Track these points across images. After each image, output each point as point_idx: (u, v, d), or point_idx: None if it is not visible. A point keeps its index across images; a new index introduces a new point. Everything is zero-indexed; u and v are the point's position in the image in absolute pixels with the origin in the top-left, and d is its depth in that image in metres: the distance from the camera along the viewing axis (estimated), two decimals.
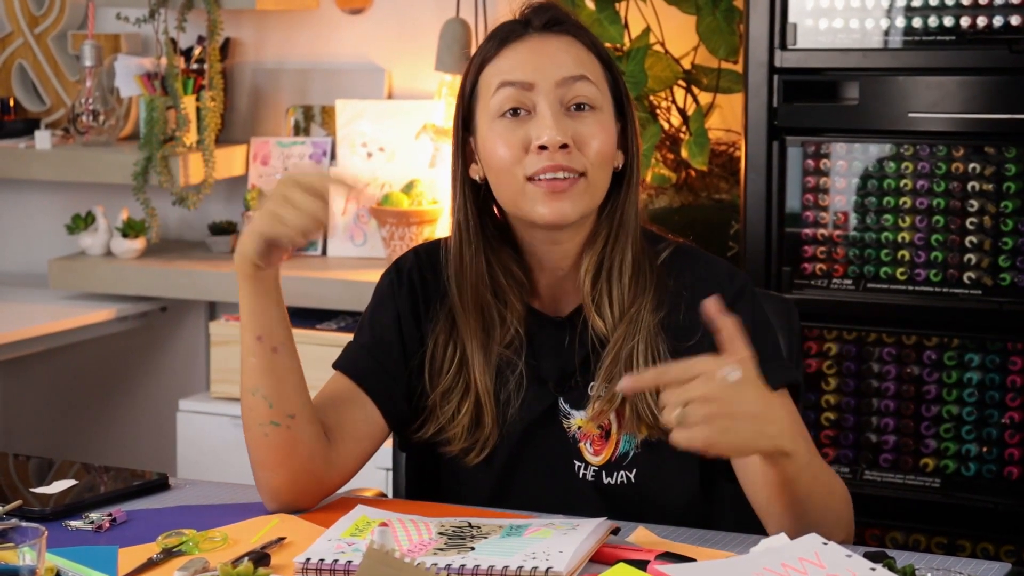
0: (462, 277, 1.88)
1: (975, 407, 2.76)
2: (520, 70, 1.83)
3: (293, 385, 1.78)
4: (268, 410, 1.77)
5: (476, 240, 1.88)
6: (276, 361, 1.77)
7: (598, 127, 1.83)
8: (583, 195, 1.82)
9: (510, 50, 1.85)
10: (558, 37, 1.86)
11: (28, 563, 1.46)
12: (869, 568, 1.49)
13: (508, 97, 1.83)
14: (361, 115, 3.56)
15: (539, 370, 1.89)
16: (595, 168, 1.82)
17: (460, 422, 1.88)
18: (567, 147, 1.80)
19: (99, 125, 3.66)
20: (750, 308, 1.87)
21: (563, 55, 1.84)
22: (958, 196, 2.75)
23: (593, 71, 1.85)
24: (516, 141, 1.82)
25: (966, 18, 2.70)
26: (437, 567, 1.56)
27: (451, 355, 1.89)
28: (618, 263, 1.86)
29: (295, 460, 1.79)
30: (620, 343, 1.84)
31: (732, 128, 3.29)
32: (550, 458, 1.89)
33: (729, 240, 3.18)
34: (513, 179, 1.82)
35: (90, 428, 3.99)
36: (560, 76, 1.82)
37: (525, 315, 1.89)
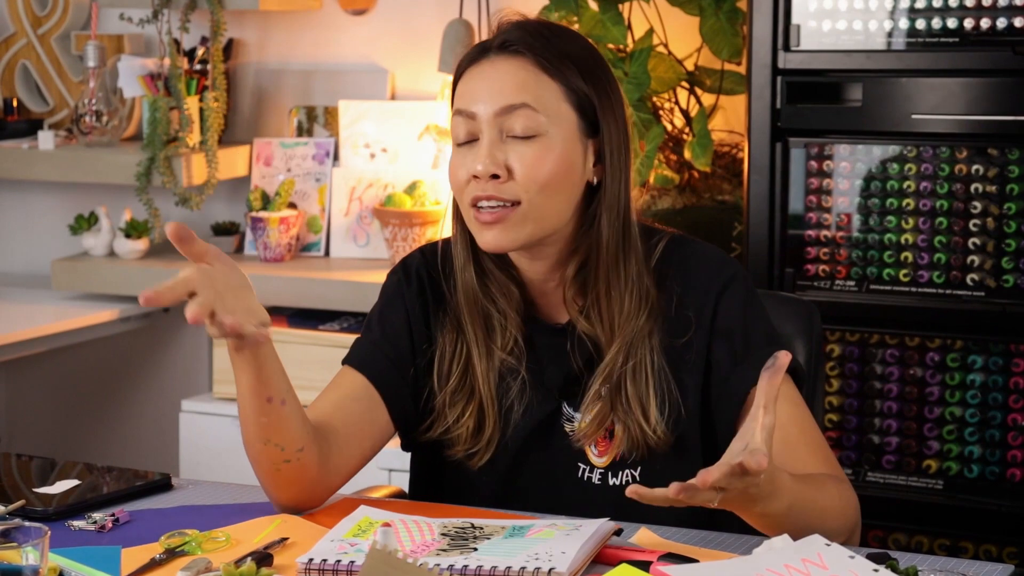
0: (461, 286, 1.90)
1: (978, 409, 2.76)
2: (468, 97, 1.85)
3: (300, 425, 1.78)
4: (280, 453, 1.77)
5: (464, 253, 1.90)
6: (285, 412, 1.75)
7: (538, 153, 1.82)
8: (521, 223, 1.82)
9: (467, 75, 1.87)
10: (509, 59, 1.85)
11: (31, 563, 1.46)
12: (872, 569, 1.49)
13: (459, 126, 1.85)
14: (364, 116, 3.56)
15: (543, 376, 1.90)
16: (533, 195, 1.81)
17: (464, 424, 1.88)
18: (498, 176, 1.81)
19: (102, 126, 3.66)
20: (741, 296, 1.87)
21: (505, 82, 1.83)
22: (961, 198, 2.75)
23: (539, 96, 1.83)
24: (462, 169, 1.84)
25: (969, 20, 2.70)
26: (440, 568, 1.56)
27: (457, 357, 1.90)
28: (601, 278, 1.86)
29: (305, 481, 1.80)
30: (611, 366, 1.85)
31: (735, 129, 3.29)
32: (554, 462, 1.89)
33: (732, 241, 3.18)
34: (463, 204, 1.85)
35: (93, 428, 3.99)
36: (499, 105, 1.82)
37: (524, 323, 1.90)
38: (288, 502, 1.81)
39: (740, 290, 1.88)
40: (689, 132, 3.24)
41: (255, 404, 1.74)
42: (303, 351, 3.32)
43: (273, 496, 1.82)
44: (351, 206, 3.58)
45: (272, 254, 3.53)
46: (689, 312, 1.87)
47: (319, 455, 1.80)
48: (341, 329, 3.35)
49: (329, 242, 3.61)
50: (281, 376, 1.74)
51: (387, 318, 1.93)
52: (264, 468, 1.79)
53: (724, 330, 1.86)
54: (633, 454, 1.86)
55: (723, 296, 1.87)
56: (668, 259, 1.90)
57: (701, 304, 1.87)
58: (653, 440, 1.84)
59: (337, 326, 3.37)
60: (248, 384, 1.73)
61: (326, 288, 3.35)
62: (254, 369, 1.71)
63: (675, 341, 1.86)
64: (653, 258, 1.89)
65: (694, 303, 1.87)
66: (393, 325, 1.92)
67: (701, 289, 1.87)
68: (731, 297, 1.86)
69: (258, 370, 1.71)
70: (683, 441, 1.86)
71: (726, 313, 1.86)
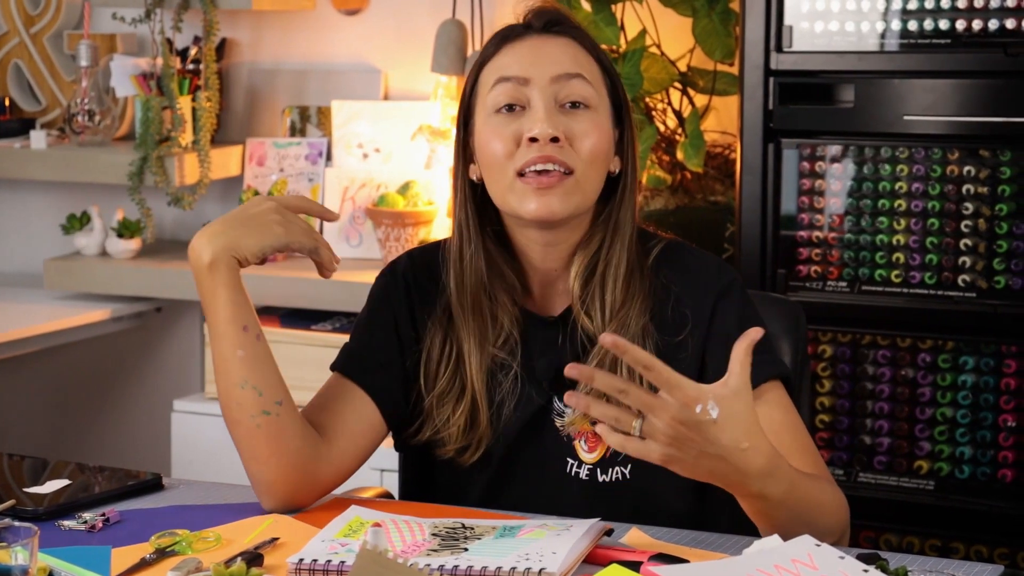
0: (462, 276, 1.89)
1: (969, 410, 2.77)
2: (517, 65, 1.85)
3: (275, 370, 1.81)
4: (258, 399, 1.77)
5: (476, 239, 1.89)
6: (260, 348, 1.79)
7: (591, 125, 1.84)
8: (572, 193, 1.82)
9: (509, 48, 1.88)
10: (557, 38, 1.88)
11: (20, 563, 1.46)
12: (862, 570, 1.50)
13: (504, 92, 1.84)
14: (357, 116, 3.56)
15: (533, 370, 1.89)
16: (585, 166, 1.83)
17: (456, 422, 1.88)
18: (558, 140, 1.81)
19: (95, 125, 3.66)
20: (738, 303, 1.88)
21: (560, 53, 1.86)
22: (953, 199, 2.75)
23: (591, 72, 1.87)
24: (509, 135, 1.83)
25: (961, 21, 2.71)
26: (430, 568, 1.56)
27: (447, 356, 1.90)
28: (612, 268, 1.87)
29: (287, 449, 1.79)
30: (603, 353, 1.85)
31: (728, 130, 3.29)
32: (544, 456, 1.89)
33: (724, 242, 3.19)
34: (504, 174, 1.83)
35: (84, 428, 3.98)
36: (556, 72, 1.84)
37: (519, 317, 1.90)
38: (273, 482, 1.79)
39: (738, 296, 1.89)
40: (682, 133, 3.24)
41: (232, 334, 1.77)
42: (296, 351, 3.31)
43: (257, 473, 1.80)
44: (344, 206, 3.58)
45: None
46: (686, 311, 1.87)
47: (303, 428, 1.80)
48: (333, 329, 3.35)
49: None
50: (252, 309, 1.80)
51: (375, 322, 1.93)
52: (243, 426, 1.78)
53: (720, 335, 1.86)
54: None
55: (722, 300, 1.87)
56: (666, 261, 1.90)
57: (699, 305, 1.87)
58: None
59: (329, 326, 3.37)
60: (225, 311, 1.76)
61: (319, 288, 3.35)
62: (231, 292, 1.76)
63: (670, 339, 1.86)
64: (650, 257, 1.90)
65: (691, 304, 1.87)
66: (381, 329, 1.92)
67: (699, 291, 1.88)
68: (729, 302, 1.87)
69: (236, 292, 1.77)
70: None
71: (724, 317, 1.87)
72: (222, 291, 1.76)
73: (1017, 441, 2.74)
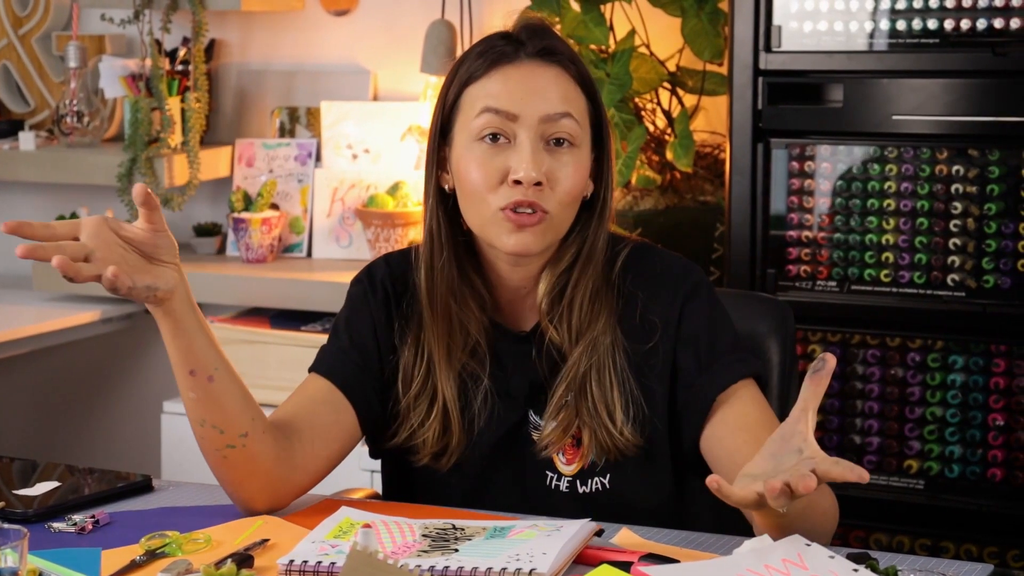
0: (432, 283, 1.89)
1: (959, 409, 2.77)
2: (507, 99, 1.82)
3: (238, 406, 1.76)
4: (220, 436, 1.76)
5: (447, 247, 1.89)
6: (214, 389, 1.75)
7: (573, 166, 1.83)
8: (546, 232, 1.83)
9: (499, 73, 1.84)
10: (548, 67, 1.85)
11: (10, 565, 1.45)
12: (852, 569, 1.50)
13: (490, 123, 1.82)
14: (346, 117, 3.56)
15: (508, 385, 1.90)
16: (561, 207, 1.83)
17: (431, 426, 1.88)
18: (540, 185, 1.81)
19: (83, 126, 3.66)
20: (706, 303, 1.88)
21: (551, 89, 1.83)
22: (942, 198, 2.76)
23: (578, 107, 1.85)
24: (492, 170, 1.82)
25: (950, 21, 2.71)
26: (421, 569, 1.56)
27: (420, 360, 1.90)
28: (580, 287, 1.87)
29: (258, 472, 1.79)
30: (575, 367, 1.86)
31: (717, 130, 3.30)
32: (522, 471, 1.90)
33: (714, 242, 3.19)
34: (484, 206, 1.83)
35: (74, 430, 3.98)
36: (546, 112, 1.82)
37: (488, 327, 1.90)
38: (249, 499, 1.80)
39: (705, 297, 1.89)
40: (671, 133, 3.24)
41: (181, 377, 1.74)
42: (285, 352, 3.31)
43: (232, 492, 1.80)
44: (333, 207, 3.58)
45: (254, 255, 3.52)
46: (654, 318, 1.87)
47: (275, 448, 1.79)
48: (323, 330, 3.35)
49: (311, 243, 3.61)
50: (207, 350, 1.74)
51: (353, 326, 1.93)
52: (210, 456, 1.77)
53: (690, 337, 1.86)
54: (603, 459, 1.86)
55: (688, 303, 1.87)
56: (632, 266, 1.90)
57: (666, 310, 1.87)
58: (621, 443, 1.84)
59: (319, 327, 3.37)
60: (171, 352, 1.74)
61: (308, 289, 3.35)
62: (172, 335, 1.72)
63: (640, 347, 1.87)
64: (617, 264, 1.90)
65: (658, 309, 1.88)
66: (360, 333, 1.92)
67: (666, 296, 1.88)
68: (696, 304, 1.87)
69: (178, 337, 1.72)
70: (652, 448, 1.86)
71: (691, 320, 1.87)
72: (168, 338, 1.74)
73: (1006, 440, 2.74)
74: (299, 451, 1.82)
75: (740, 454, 1.77)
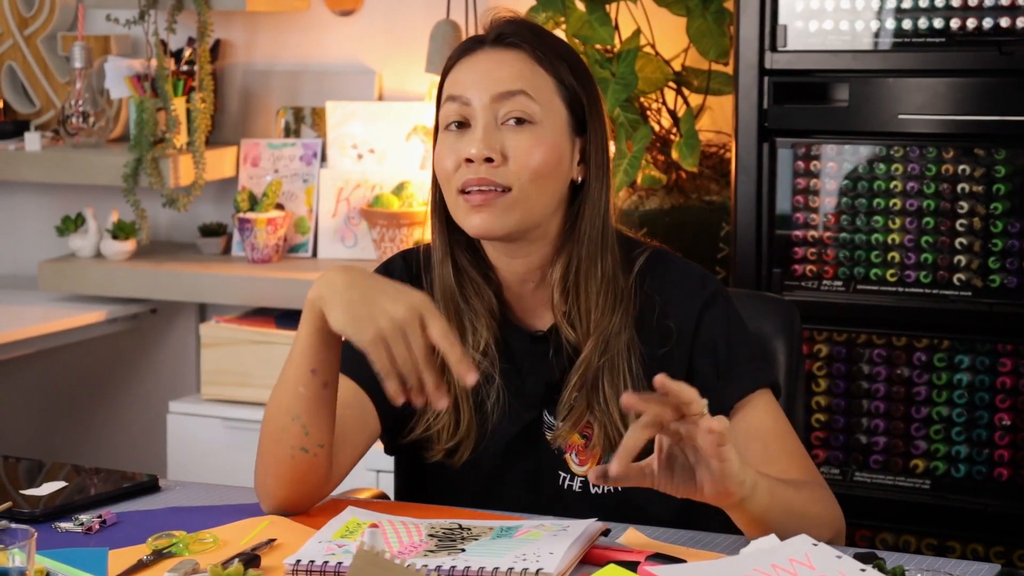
0: (436, 282, 1.91)
1: (965, 408, 2.77)
2: (461, 84, 1.86)
3: (330, 420, 1.79)
4: (303, 437, 1.77)
5: (442, 248, 1.91)
6: (324, 396, 1.78)
7: (532, 141, 1.84)
8: (510, 209, 1.83)
9: (461, 64, 1.89)
10: (505, 51, 1.87)
11: (17, 565, 1.45)
12: (859, 569, 1.50)
13: (452, 111, 1.86)
14: (352, 117, 3.56)
15: (523, 386, 1.90)
16: (524, 183, 1.83)
17: (443, 419, 1.89)
18: (492, 160, 1.82)
19: (89, 127, 3.66)
20: (724, 312, 1.89)
21: (505, 69, 1.86)
22: (948, 198, 2.76)
23: (536, 85, 1.86)
24: (453, 153, 1.85)
25: (956, 20, 2.71)
26: (427, 569, 1.56)
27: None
28: (584, 276, 1.87)
29: (310, 481, 1.80)
30: (587, 362, 1.86)
31: (722, 130, 3.30)
32: (535, 470, 1.90)
33: (719, 242, 3.19)
34: (449, 191, 1.86)
35: (80, 430, 3.98)
36: (496, 91, 1.84)
37: (499, 327, 1.90)
38: (284, 500, 1.80)
39: (723, 306, 1.89)
40: (676, 132, 3.24)
41: (300, 372, 1.76)
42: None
43: (271, 491, 1.80)
44: (339, 207, 3.58)
45: (259, 255, 3.52)
46: (670, 323, 1.88)
47: (329, 465, 1.81)
48: None
49: (317, 243, 3.61)
50: (333, 358, 1.77)
51: None
52: (281, 451, 1.78)
53: (708, 343, 1.87)
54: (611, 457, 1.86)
55: (707, 310, 1.88)
56: (650, 271, 1.91)
57: (683, 316, 1.88)
58: None
59: None
60: (301, 348, 1.75)
61: None
62: (313, 337, 1.74)
63: (655, 351, 1.87)
64: (634, 268, 1.90)
65: (675, 314, 1.88)
66: None
67: (683, 302, 1.88)
68: (715, 312, 1.88)
69: (318, 339, 1.74)
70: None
71: (710, 327, 1.87)
72: (305, 330, 1.75)
73: (1013, 440, 2.74)
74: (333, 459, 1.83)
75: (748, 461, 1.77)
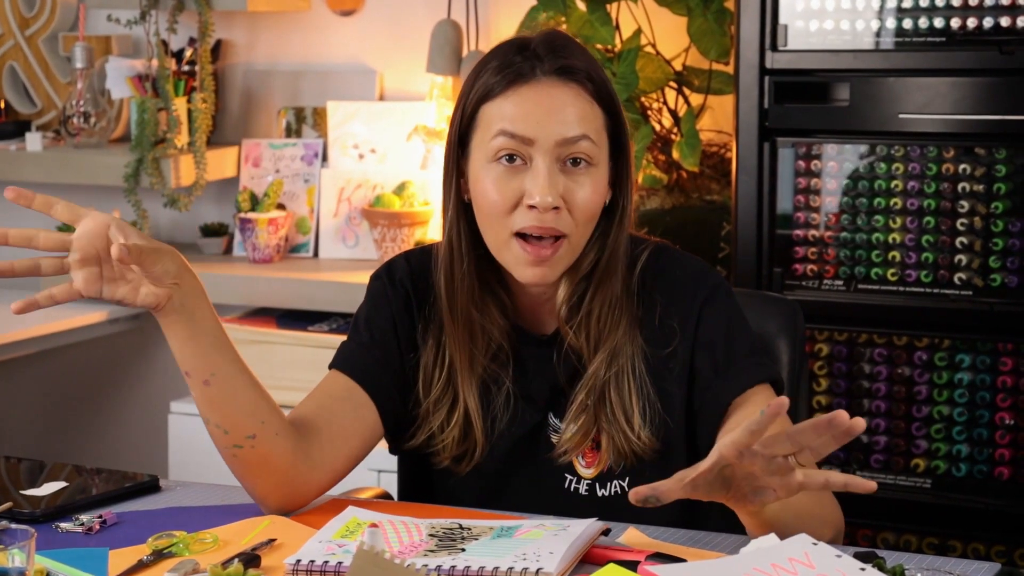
0: (452, 291, 1.88)
1: (966, 408, 2.77)
2: (523, 123, 1.80)
3: (243, 409, 1.76)
4: (225, 436, 1.77)
5: (468, 258, 1.87)
6: (211, 392, 1.75)
7: (591, 187, 1.81)
8: (564, 257, 1.83)
9: (516, 94, 1.81)
10: (566, 86, 1.82)
11: (17, 565, 1.45)
12: (859, 568, 1.50)
13: (505, 145, 1.80)
14: (353, 117, 3.56)
15: (528, 388, 1.90)
16: (579, 227, 1.82)
17: (450, 433, 1.88)
18: (558, 209, 1.80)
19: (90, 127, 3.66)
20: (724, 307, 1.88)
21: (568, 112, 1.81)
22: (949, 197, 2.76)
23: (595, 126, 1.83)
24: (509, 192, 1.80)
25: (956, 19, 2.71)
26: (427, 568, 1.56)
27: (440, 363, 1.90)
28: (599, 296, 1.86)
29: (272, 472, 1.79)
30: (595, 377, 1.86)
31: (723, 129, 3.29)
32: (541, 473, 1.90)
33: (720, 241, 3.19)
34: (501, 228, 1.82)
35: (81, 430, 3.98)
36: (561, 136, 1.80)
37: (509, 332, 1.90)
38: (263, 497, 1.80)
39: (723, 301, 1.89)
40: (677, 132, 3.24)
41: (185, 376, 1.75)
42: (292, 352, 3.31)
43: (246, 489, 1.81)
44: (340, 207, 3.58)
45: (261, 255, 3.53)
46: (673, 322, 1.87)
47: (291, 450, 1.78)
48: (330, 330, 3.35)
49: (318, 243, 3.61)
50: (202, 352, 1.73)
51: (374, 322, 1.92)
52: (220, 453, 1.79)
53: (707, 340, 1.87)
54: (621, 464, 1.87)
55: (706, 307, 1.87)
56: (652, 269, 1.90)
57: (684, 314, 1.87)
58: (639, 447, 1.84)
59: (326, 327, 3.37)
60: (173, 353, 1.74)
61: (315, 289, 3.35)
62: (168, 337, 1.73)
63: (659, 352, 1.87)
64: (637, 268, 1.90)
65: (677, 313, 1.88)
66: (380, 329, 1.92)
67: (684, 299, 1.88)
68: (714, 308, 1.87)
69: (172, 340, 1.73)
70: (669, 452, 1.86)
71: (709, 323, 1.87)
72: (166, 336, 1.74)
73: (1014, 439, 2.74)
74: (318, 450, 1.82)
75: None
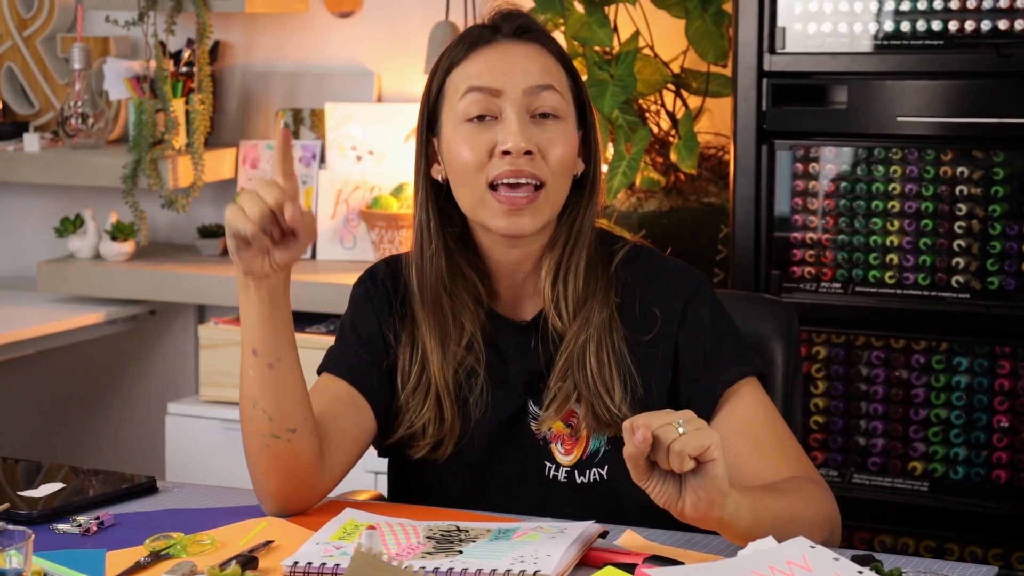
0: (422, 275, 1.90)
1: (963, 411, 2.77)
2: (488, 75, 1.85)
3: (293, 400, 1.77)
4: (268, 423, 1.76)
5: (436, 238, 1.90)
6: (273, 376, 1.75)
7: (561, 136, 1.85)
8: (542, 207, 1.84)
9: (479, 55, 1.88)
10: (526, 45, 1.88)
11: (15, 566, 1.46)
12: (856, 571, 1.50)
13: (475, 102, 1.85)
14: (351, 118, 3.56)
15: (507, 374, 1.90)
16: (555, 176, 1.84)
17: (423, 416, 1.89)
18: (531, 154, 1.82)
19: (88, 128, 3.66)
20: (709, 303, 1.90)
21: (531, 63, 1.86)
22: (946, 200, 2.76)
23: (559, 81, 1.88)
24: (481, 145, 1.83)
25: (954, 22, 2.71)
26: (425, 570, 1.56)
27: (415, 356, 1.91)
28: (574, 266, 1.88)
29: (294, 469, 1.79)
30: (573, 342, 1.86)
31: (721, 132, 3.30)
32: (520, 460, 1.91)
33: (718, 244, 3.19)
34: (475, 184, 1.84)
35: (79, 431, 3.98)
36: (528, 84, 1.85)
37: (486, 318, 1.91)
38: (278, 495, 1.79)
39: (708, 296, 1.91)
40: (675, 134, 3.24)
41: (245, 353, 1.74)
42: None
43: (262, 483, 1.79)
44: (337, 208, 3.58)
45: None
46: (654, 309, 1.88)
47: (317, 453, 1.79)
48: (328, 331, 3.35)
49: (316, 244, 3.61)
50: (275, 334, 1.73)
51: (360, 324, 1.94)
52: (253, 442, 1.77)
53: (695, 332, 1.87)
54: (603, 438, 1.86)
55: (692, 302, 1.89)
56: (632, 263, 1.92)
57: (668, 304, 1.88)
58: (619, 418, 1.83)
59: (324, 328, 3.37)
60: (244, 329, 1.74)
61: (313, 291, 3.35)
62: (248, 314, 1.72)
63: (640, 337, 1.88)
64: (615, 261, 1.91)
65: (659, 304, 1.89)
66: (367, 330, 1.93)
67: (668, 290, 1.89)
68: (700, 302, 1.89)
69: (253, 315, 1.72)
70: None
71: (696, 316, 1.88)
72: (242, 309, 1.74)
73: (1011, 442, 2.74)
74: (328, 455, 1.83)
75: (740, 457, 1.78)
